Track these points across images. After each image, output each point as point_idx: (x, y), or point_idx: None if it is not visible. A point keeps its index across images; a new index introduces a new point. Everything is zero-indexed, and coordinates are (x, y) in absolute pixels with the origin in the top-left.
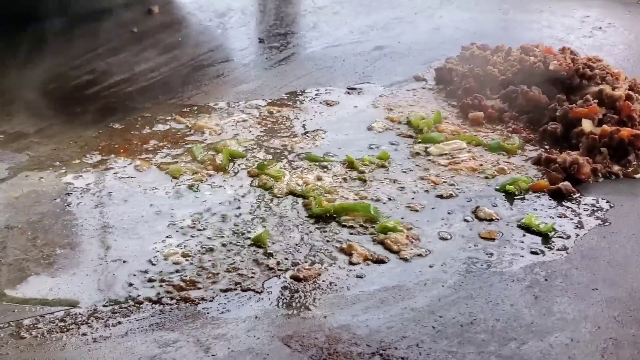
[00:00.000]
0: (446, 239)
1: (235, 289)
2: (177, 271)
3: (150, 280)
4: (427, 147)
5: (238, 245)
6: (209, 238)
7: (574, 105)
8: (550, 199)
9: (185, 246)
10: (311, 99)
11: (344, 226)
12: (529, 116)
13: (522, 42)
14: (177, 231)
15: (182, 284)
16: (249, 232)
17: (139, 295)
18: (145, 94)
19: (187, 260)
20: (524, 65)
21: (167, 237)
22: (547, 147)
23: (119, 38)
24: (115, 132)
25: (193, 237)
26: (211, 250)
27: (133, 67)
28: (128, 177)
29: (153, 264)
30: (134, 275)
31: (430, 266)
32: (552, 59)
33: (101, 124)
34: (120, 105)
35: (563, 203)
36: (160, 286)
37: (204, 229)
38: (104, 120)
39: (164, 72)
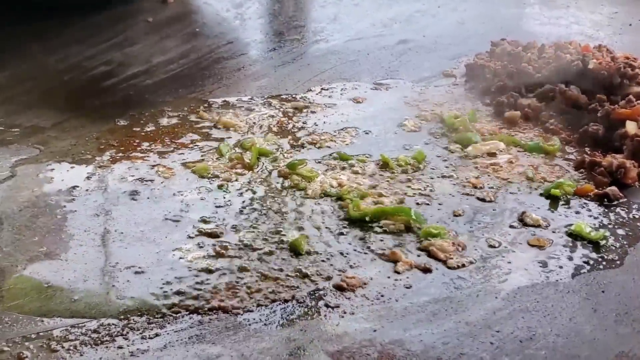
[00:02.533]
0: (494, 247)
1: (276, 299)
2: (212, 278)
3: (185, 288)
4: (463, 148)
5: (274, 251)
6: (242, 242)
7: (616, 105)
8: (597, 205)
9: (218, 251)
10: (338, 95)
11: (384, 231)
12: (568, 116)
13: (551, 38)
14: (208, 235)
15: (219, 292)
16: (284, 236)
17: (174, 305)
18: (164, 87)
19: (221, 266)
20: (560, 63)
21: (198, 241)
22: (587, 149)
23: (134, 28)
24: (135, 127)
25: (226, 241)
26: (246, 256)
27: (150, 58)
28: (150, 175)
29: (186, 271)
30: (167, 282)
31: (480, 276)
32: (590, 57)
33: (121, 118)
34: (139, 99)
35: (611, 209)
36: (196, 295)
37: (237, 232)
38: (123, 114)
39: (183, 64)
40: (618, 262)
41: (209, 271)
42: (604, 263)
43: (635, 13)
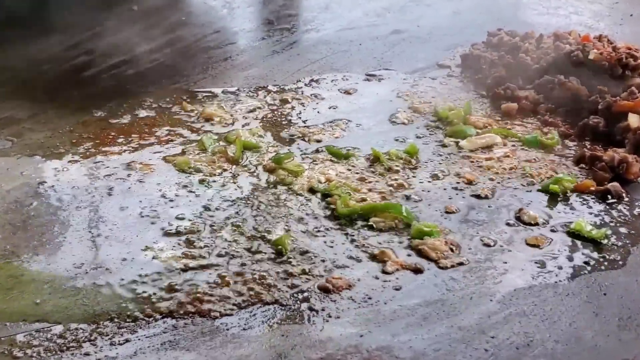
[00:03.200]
0: (489, 246)
1: (256, 302)
2: (189, 279)
3: (159, 290)
4: (457, 141)
5: (257, 249)
6: (224, 241)
7: (617, 97)
8: (598, 201)
9: (197, 250)
10: (328, 86)
11: (373, 229)
12: (567, 109)
13: (549, 28)
14: (185, 233)
15: (196, 294)
16: (269, 234)
17: (146, 308)
18: (147, 78)
19: (198, 266)
20: (559, 53)
21: (174, 240)
22: (587, 142)
23: (117, 16)
24: (114, 119)
25: (206, 239)
26: (227, 255)
27: (134, 48)
28: (129, 170)
29: (162, 270)
30: (141, 282)
31: (473, 277)
32: (591, 47)
33: (100, 110)
34: (120, 90)
35: (613, 205)
36: (171, 297)
37: (218, 230)
38: (102, 105)
39: (168, 54)
40: (620, 262)
41: (185, 272)
42: (606, 263)
43: (636, 3)
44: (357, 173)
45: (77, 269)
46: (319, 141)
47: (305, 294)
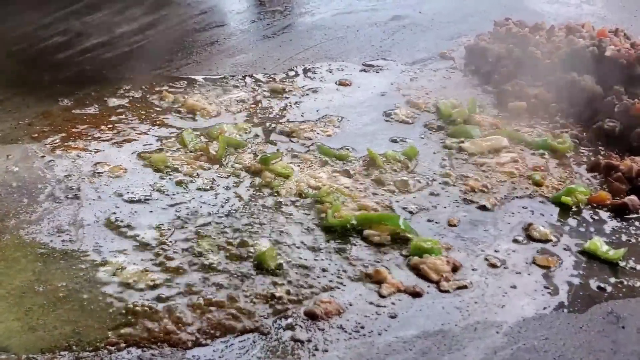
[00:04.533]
0: (495, 266)
1: (233, 329)
2: (156, 301)
3: (121, 314)
4: (461, 142)
5: (236, 266)
6: (198, 255)
7: (636, 100)
8: (614, 217)
9: (166, 266)
10: (321, 77)
11: (368, 242)
12: (580, 110)
13: (559, 19)
14: (157, 244)
15: (163, 319)
16: (250, 247)
17: (109, 335)
18: (125, 62)
19: (169, 285)
20: (573, 48)
21: (142, 254)
22: (601, 148)
23: None
24: (85, 109)
25: (179, 252)
26: (201, 271)
27: (113, 28)
28: (98, 167)
29: (124, 291)
30: (100, 307)
31: (478, 303)
32: (607, 43)
33: (72, 97)
34: (95, 75)
35: (631, 222)
36: (135, 323)
37: (192, 241)
38: (74, 92)
39: (149, 36)
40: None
41: (153, 291)
42: (624, 290)
43: None
44: (350, 177)
45: (25, 286)
46: (309, 139)
47: (290, 321)
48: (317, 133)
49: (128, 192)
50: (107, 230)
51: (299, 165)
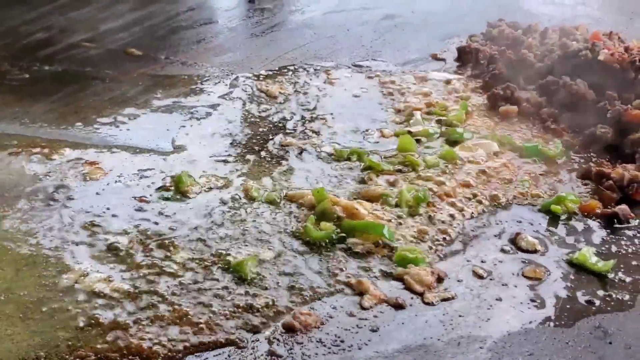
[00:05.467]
0: (481, 277)
1: (208, 342)
2: (124, 312)
3: (93, 322)
4: (450, 147)
5: (212, 275)
6: (171, 264)
7: (629, 106)
8: (604, 227)
9: (136, 274)
10: (310, 76)
11: (351, 252)
12: (572, 115)
13: (553, 21)
14: (124, 253)
15: (133, 332)
16: (227, 256)
17: (73, 350)
18: (110, 60)
19: (138, 294)
20: (566, 51)
21: (111, 262)
22: (593, 155)
23: None
24: (65, 108)
25: (147, 261)
26: (173, 281)
27: (98, 25)
28: (73, 171)
29: (89, 301)
30: (63, 320)
31: (462, 316)
32: (601, 46)
33: (53, 97)
34: (79, 73)
35: (621, 232)
36: (104, 334)
37: (166, 250)
38: (57, 91)
39: (135, 33)
40: (629, 302)
41: (123, 301)
42: (612, 304)
43: None
44: (333, 182)
45: None
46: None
47: (267, 334)
48: (304, 140)
49: (104, 196)
50: (78, 235)
51: (279, 173)
